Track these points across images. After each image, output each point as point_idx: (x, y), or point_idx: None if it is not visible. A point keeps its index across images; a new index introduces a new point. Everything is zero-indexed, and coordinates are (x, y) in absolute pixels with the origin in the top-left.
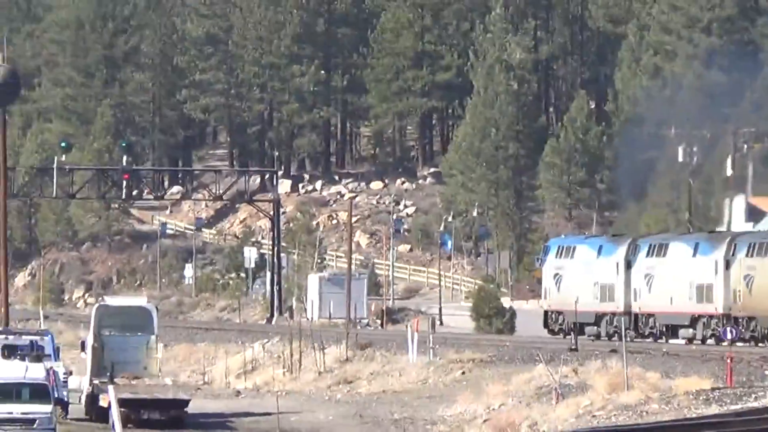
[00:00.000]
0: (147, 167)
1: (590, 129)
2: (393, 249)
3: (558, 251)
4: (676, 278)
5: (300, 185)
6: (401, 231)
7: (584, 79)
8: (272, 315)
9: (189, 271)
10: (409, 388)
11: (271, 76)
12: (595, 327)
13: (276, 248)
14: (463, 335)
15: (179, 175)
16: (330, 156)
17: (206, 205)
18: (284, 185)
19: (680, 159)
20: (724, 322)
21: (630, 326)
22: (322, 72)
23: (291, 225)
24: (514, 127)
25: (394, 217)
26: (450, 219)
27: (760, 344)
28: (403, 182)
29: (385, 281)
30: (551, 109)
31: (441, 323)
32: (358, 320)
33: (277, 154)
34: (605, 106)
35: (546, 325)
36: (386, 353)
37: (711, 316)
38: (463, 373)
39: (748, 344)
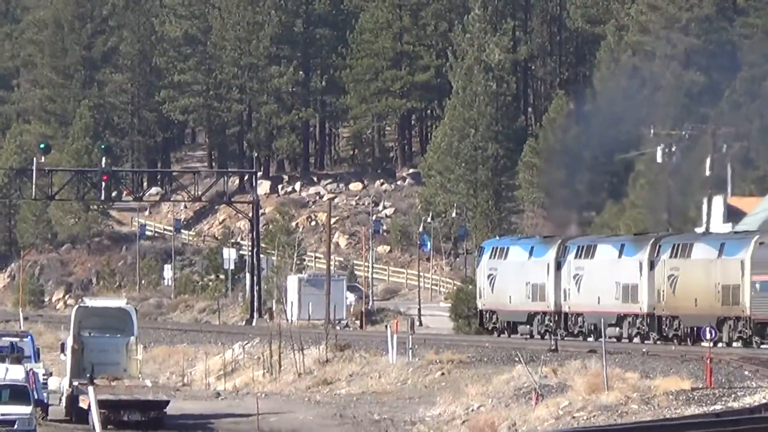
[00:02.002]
0: (126, 168)
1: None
2: (372, 250)
3: (492, 252)
4: (603, 279)
5: (279, 186)
6: (380, 232)
7: (563, 80)
8: (252, 316)
9: (168, 272)
10: (389, 389)
11: (250, 77)
12: (528, 326)
13: (255, 249)
14: (443, 336)
15: (158, 177)
16: (309, 157)
17: (185, 207)
18: (263, 186)
19: (659, 159)
20: (649, 321)
21: (560, 325)
22: (301, 73)
23: (270, 226)
24: (493, 128)
25: (373, 218)
26: (429, 220)
27: (683, 342)
28: (382, 183)
29: (364, 282)
30: (530, 110)
31: (420, 324)
32: (337, 321)
33: (255, 155)
34: (584, 107)
35: (481, 323)
36: (365, 354)
37: (636, 315)
38: (443, 374)
39: (670, 343)
